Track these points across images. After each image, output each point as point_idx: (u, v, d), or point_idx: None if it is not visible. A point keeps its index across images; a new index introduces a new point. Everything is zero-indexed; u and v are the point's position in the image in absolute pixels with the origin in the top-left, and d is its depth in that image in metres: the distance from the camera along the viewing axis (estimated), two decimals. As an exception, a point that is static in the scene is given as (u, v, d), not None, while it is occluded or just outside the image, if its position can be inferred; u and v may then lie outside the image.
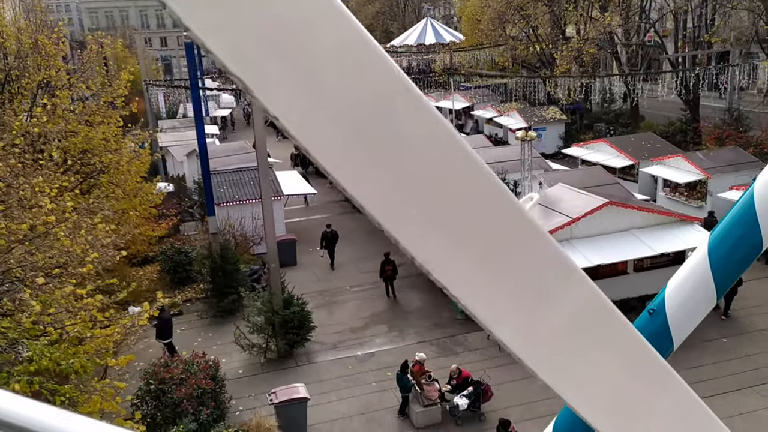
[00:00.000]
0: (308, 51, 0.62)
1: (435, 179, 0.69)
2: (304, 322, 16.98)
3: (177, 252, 21.30)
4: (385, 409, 14.82)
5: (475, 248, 0.72)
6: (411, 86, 0.67)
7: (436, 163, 0.68)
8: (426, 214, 0.69)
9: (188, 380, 13.47)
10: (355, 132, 0.65)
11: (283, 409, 13.46)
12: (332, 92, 0.64)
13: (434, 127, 0.68)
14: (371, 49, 0.64)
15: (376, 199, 0.67)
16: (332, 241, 23.10)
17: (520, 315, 0.75)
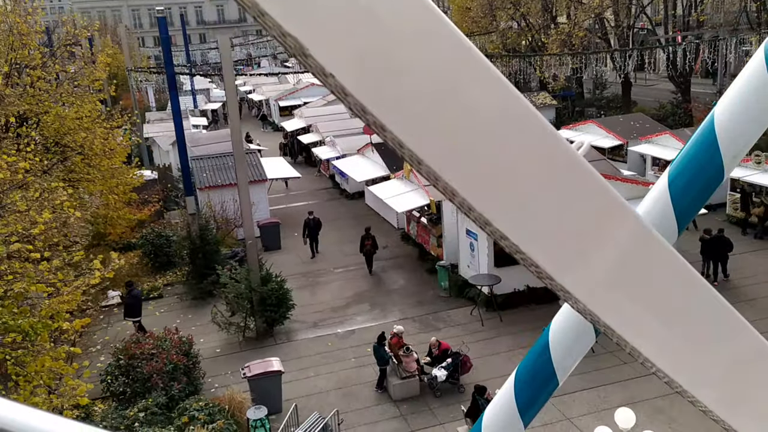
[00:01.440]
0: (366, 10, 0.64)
1: (489, 130, 0.72)
2: (283, 300, 16.65)
3: (158, 236, 20.99)
4: (363, 384, 14.51)
5: (542, 202, 0.77)
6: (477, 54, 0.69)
7: (494, 119, 0.72)
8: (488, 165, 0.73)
9: (159, 355, 13.17)
10: (413, 87, 0.67)
11: (256, 383, 13.14)
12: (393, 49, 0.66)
13: (504, 97, 0.71)
14: (432, 14, 0.66)
15: (430, 149, 0.70)
16: (315, 228, 22.40)
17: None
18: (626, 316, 0.86)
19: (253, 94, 55.60)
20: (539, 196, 0.78)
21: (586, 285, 0.83)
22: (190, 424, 11.49)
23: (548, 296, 16.93)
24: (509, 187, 0.76)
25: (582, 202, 0.79)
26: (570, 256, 0.81)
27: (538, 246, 0.79)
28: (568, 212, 0.79)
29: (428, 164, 0.73)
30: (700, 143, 1.77)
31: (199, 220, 19.38)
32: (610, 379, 13.96)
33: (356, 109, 0.70)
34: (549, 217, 0.79)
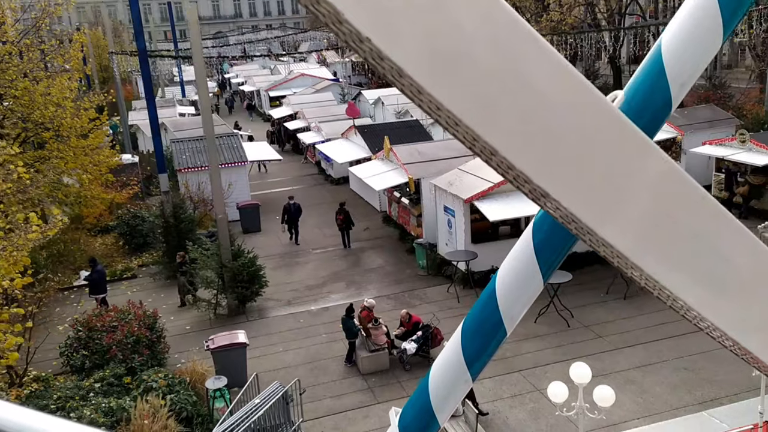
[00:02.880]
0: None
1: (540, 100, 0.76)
2: (255, 277, 16.34)
3: (133, 217, 20.68)
4: (333, 358, 14.20)
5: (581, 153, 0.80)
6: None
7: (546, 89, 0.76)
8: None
9: (120, 328, 12.85)
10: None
11: (220, 355, 12.83)
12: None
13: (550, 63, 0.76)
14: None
15: (470, 108, 0.73)
16: (295, 214, 21.60)
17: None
18: (668, 265, 0.87)
19: (244, 86, 55.36)
20: (577, 148, 0.79)
21: (626, 234, 0.84)
22: (148, 395, 11.18)
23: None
24: (547, 141, 0.78)
25: (615, 149, 0.81)
26: (607, 205, 0.82)
27: (578, 199, 0.80)
28: (604, 162, 0.81)
29: (467, 125, 0.73)
30: (648, 72, 1.74)
31: (174, 199, 19.05)
32: (583, 352, 13.62)
33: (392, 73, 0.72)
34: (587, 168, 0.80)
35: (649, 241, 0.86)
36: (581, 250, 17.93)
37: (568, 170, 0.79)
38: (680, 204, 0.88)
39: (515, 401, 12.17)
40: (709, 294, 0.93)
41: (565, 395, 8.12)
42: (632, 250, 0.86)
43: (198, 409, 11.66)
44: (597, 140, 0.80)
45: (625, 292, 15.96)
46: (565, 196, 0.80)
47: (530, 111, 0.76)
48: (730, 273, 0.92)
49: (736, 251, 0.92)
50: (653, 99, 1.59)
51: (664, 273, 0.88)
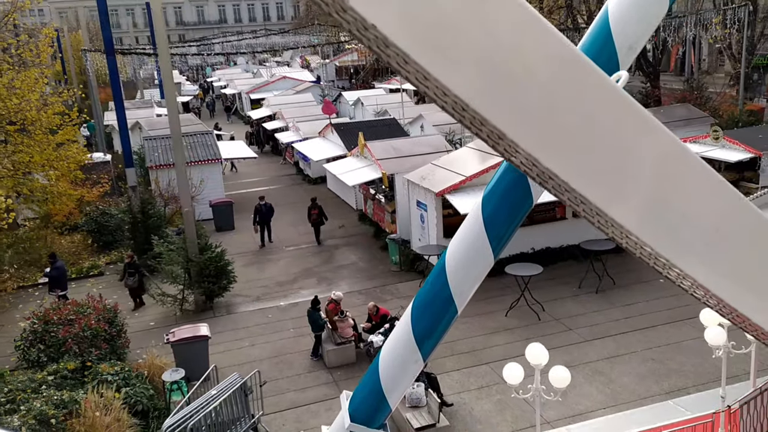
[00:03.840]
0: None
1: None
2: (222, 272, 16.02)
3: (102, 214, 20.29)
4: (299, 352, 13.90)
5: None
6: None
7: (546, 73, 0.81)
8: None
9: (78, 321, 12.49)
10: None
11: (180, 348, 12.50)
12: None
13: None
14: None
15: (475, 93, 0.77)
16: (267, 214, 20.96)
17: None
18: (676, 240, 0.94)
19: (226, 89, 55.06)
20: (581, 129, 0.81)
21: (633, 212, 0.89)
22: (102, 388, 10.83)
23: (497, 269, 16.45)
24: (553, 123, 0.80)
25: (621, 128, 0.84)
26: (615, 185, 0.86)
27: (586, 180, 0.83)
28: (610, 142, 0.83)
29: (474, 109, 0.75)
30: (595, 37, 1.85)
31: (143, 195, 18.71)
32: (552, 344, 13.37)
33: (397, 60, 0.75)
34: (593, 148, 0.83)
35: (652, 217, 0.89)
36: (555, 245, 17.84)
37: (570, 146, 0.80)
38: (681, 178, 0.90)
39: (482, 393, 11.95)
40: (702, 259, 0.97)
41: (520, 377, 7.92)
42: (637, 227, 0.89)
43: (155, 403, 11.32)
44: (601, 118, 0.81)
45: (597, 287, 15.83)
46: (570, 175, 0.82)
47: (534, 92, 0.76)
48: (722, 239, 0.96)
49: (730, 217, 0.96)
50: (600, 63, 1.69)
51: (673, 252, 0.93)
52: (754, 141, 20.17)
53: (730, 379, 11.24)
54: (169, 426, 9.54)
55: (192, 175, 22.23)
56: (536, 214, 17.82)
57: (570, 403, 11.47)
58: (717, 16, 24.93)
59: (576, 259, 17.36)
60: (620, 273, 16.52)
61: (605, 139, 0.84)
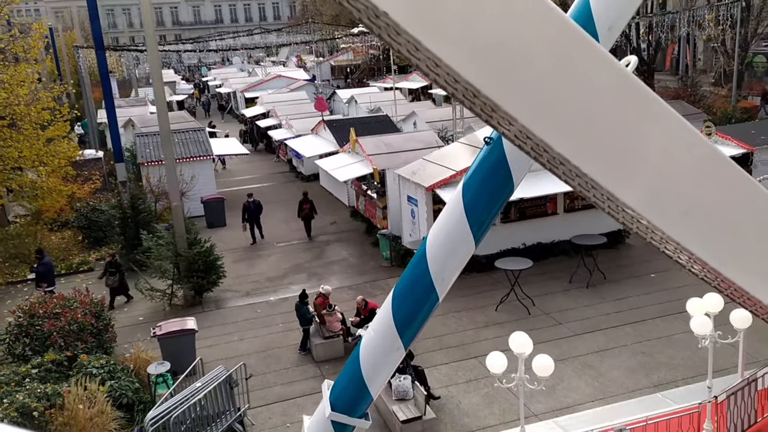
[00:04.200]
0: None
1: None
2: (211, 267, 15.92)
3: (92, 210, 20.18)
4: (288, 347, 13.82)
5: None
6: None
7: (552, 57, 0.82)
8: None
9: (63, 315, 12.38)
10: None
11: (167, 342, 12.41)
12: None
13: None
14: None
15: (488, 79, 0.79)
16: (255, 212, 20.65)
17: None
18: (686, 223, 0.96)
19: (221, 88, 54.98)
20: (591, 113, 0.82)
21: (643, 195, 0.90)
22: (86, 381, 10.73)
23: (487, 263, 16.39)
24: (563, 108, 0.81)
25: (630, 112, 0.85)
26: (625, 168, 0.88)
27: (596, 164, 0.84)
28: (620, 125, 0.84)
29: (486, 95, 0.75)
30: (576, 17, 1.90)
31: (132, 190, 18.61)
32: (542, 338, 13.33)
33: (408, 48, 0.75)
34: (603, 132, 0.84)
35: (662, 200, 0.91)
36: (546, 241, 17.77)
37: (580, 130, 0.82)
38: (690, 160, 0.92)
39: (470, 386, 11.87)
40: (712, 241, 0.98)
41: (503, 366, 7.85)
42: (648, 210, 0.91)
43: (140, 396, 11.23)
44: (610, 102, 0.82)
45: (588, 281, 15.77)
46: (581, 159, 0.83)
47: (545, 79, 0.77)
48: (732, 220, 0.98)
49: (740, 198, 0.97)
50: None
51: (681, 233, 0.95)
52: (746, 137, 20.15)
53: (720, 371, 11.21)
54: (152, 418, 9.45)
55: (183, 171, 22.16)
56: (527, 210, 17.77)
57: (558, 396, 11.41)
58: (710, 13, 24.93)
59: (567, 255, 17.31)
60: (611, 268, 16.48)
61: (615, 123, 0.84)
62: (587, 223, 17.61)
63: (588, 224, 17.53)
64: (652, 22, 27.57)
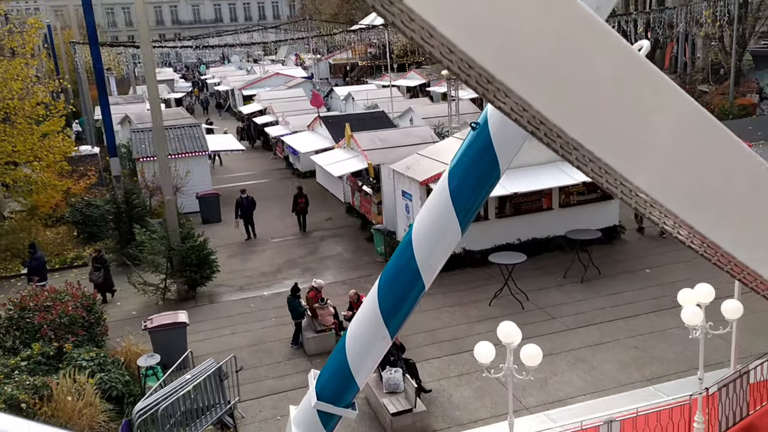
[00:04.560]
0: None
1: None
2: (204, 261, 15.87)
3: (87, 205, 20.12)
4: (279, 341, 13.76)
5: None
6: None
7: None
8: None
9: (54, 307, 12.32)
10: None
11: (158, 335, 12.35)
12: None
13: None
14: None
15: (502, 65, 0.81)
16: (248, 208, 20.44)
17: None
18: (701, 207, 0.98)
19: (219, 86, 54.97)
20: (604, 97, 0.83)
21: (657, 179, 0.92)
22: (76, 373, 10.67)
23: (481, 258, 16.34)
24: (575, 93, 0.82)
25: (642, 94, 0.87)
26: (637, 152, 0.89)
27: (609, 148, 0.85)
28: (633, 108, 0.85)
29: (500, 81, 0.76)
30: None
31: (127, 184, 18.55)
32: (535, 332, 13.28)
33: (422, 35, 0.76)
34: (615, 115, 0.85)
35: (675, 183, 0.93)
36: (541, 236, 17.71)
37: (593, 115, 0.82)
38: (703, 142, 0.94)
39: (462, 380, 11.81)
40: (726, 224, 1.00)
41: (491, 355, 7.79)
42: (661, 194, 0.93)
43: (130, 389, 11.16)
44: (622, 85, 0.83)
45: (583, 276, 15.72)
46: (594, 144, 0.84)
47: (558, 63, 0.78)
48: (745, 201, 1.00)
49: (751, 180, 1.00)
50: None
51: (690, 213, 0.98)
52: (743, 132, 20.08)
53: (714, 365, 11.16)
54: (141, 409, 9.39)
55: (179, 166, 22.12)
56: (522, 205, 17.72)
57: (550, 390, 11.36)
58: (708, 9, 24.88)
59: (562, 250, 17.25)
60: (606, 263, 16.41)
61: (627, 106, 0.84)
62: (582, 218, 17.56)
63: (583, 219, 17.48)
64: (650, 19, 27.51)
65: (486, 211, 17.45)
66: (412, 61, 50.94)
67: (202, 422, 10.33)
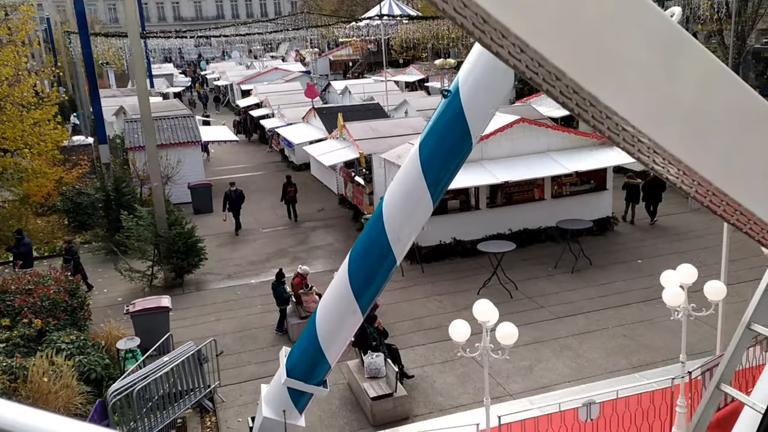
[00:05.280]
0: None
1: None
2: (192, 248, 15.73)
3: (78, 193, 20.01)
4: (264, 327, 13.63)
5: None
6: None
7: None
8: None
9: (36, 291, 12.20)
10: None
11: (140, 319, 12.22)
12: None
13: None
14: None
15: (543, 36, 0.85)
16: (237, 201, 20.01)
17: None
18: (722, 164, 1.04)
19: (219, 81, 54.91)
20: (634, 57, 0.88)
21: (677, 136, 0.96)
22: (55, 356, 10.54)
23: (471, 248, 16.18)
24: (600, 49, 0.87)
25: (664, 52, 0.92)
26: (658, 108, 0.93)
27: (629, 104, 0.90)
28: (654, 66, 0.90)
29: (534, 48, 0.81)
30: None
31: (116, 172, 18.42)
32: (522, 321, 13.09)
33: (454, 5, 0.81)
34: (637, 72, 0.89)
35: (696, 139, 1.01)
36: (533, 227, 17.54)
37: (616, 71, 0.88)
38: (723, 97, 0.98)
39: (445, 366, 11.66)
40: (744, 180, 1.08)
41: (466, 334, 7.65)
42: (682, 151, 1.01)
43: (110, 372, 11.02)
44: (646, 44, 0.89)
45: (573, 266, 15.56)
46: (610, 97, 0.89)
47: (589, 28, 0.83)
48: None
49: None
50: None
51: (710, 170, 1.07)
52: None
53: (703, 354, 11.00)
54: (115, 390, 9.26)
55: (171, 156, 22.01)
56: (514, 195, 17.56)
57: (535, 377, 11.21)
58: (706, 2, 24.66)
59: (554, 241, 17.08)
60: (598, 254, 16.25)
61: (650, 63, 0.87)
62: (575, 209, 17.39)
63: (575, 210, 17.31)
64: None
65: (477, 201, 17.30)
66: (411, 56, 50.72)
67: (180, 405, 10.20)
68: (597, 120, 1.10)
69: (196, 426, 10.39)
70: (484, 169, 16.24)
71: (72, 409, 10.00)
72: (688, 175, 1.18)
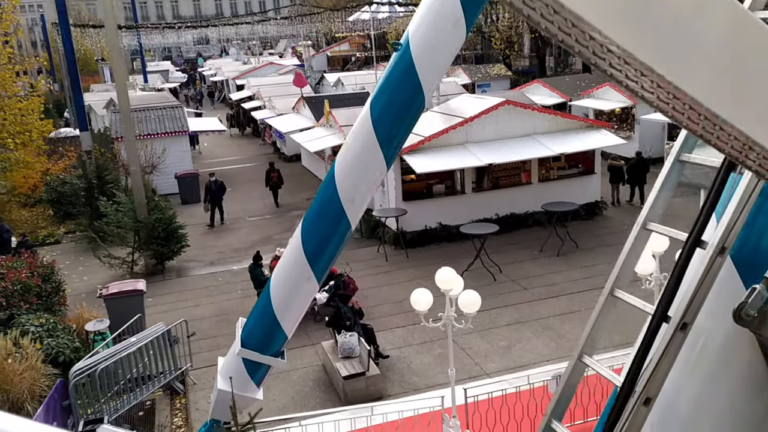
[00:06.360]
0: None
1: None
2: (172, 235, 15.54)
3: (62, 183, 19.85)
4: (243, 312, 13.20)
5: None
6: None
7: None
8: None
9: (8, 275, 12.01)
10: None
11: (113, 302, 12.01)
12: None
13: None
14: None
15: None
16: (217, 192, 19.47)
17: None
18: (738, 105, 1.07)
19: (215, 77, 54.77)
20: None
21: (703, 83, 1.00)
22: (22, 338, 10.35)
23: (455, 232, 15.94)
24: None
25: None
26: (685, 56, 0.98)
27: (649, 47, 0.95)
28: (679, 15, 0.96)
29: (570, 9, 0.89)
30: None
31: (98, 159, 18.25)
32: (504, 302, 12.94)
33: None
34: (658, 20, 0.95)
35: (723, 86, 1.07)
36: (520, 211, 17.28)
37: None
38: (748, 45, 1.03)
39: (423, 348, 11.44)
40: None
41: (428, 303, 7.43)
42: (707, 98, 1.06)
43: (79, 355, 10.80)
44: None
45: (559, 249, 15.31)
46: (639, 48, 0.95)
47: None
48: None
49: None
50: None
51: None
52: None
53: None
54: (78, 369, 9.06)
55: (158, 146, 21.84)
56: (501, 179, 17.32)
57: (513, 356, 10.98)
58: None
59: (541, 225, 16.84)
60: (585, 237, 16.01)
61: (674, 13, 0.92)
62: (562, 193, 17.12)
63: (563, 195, 17.04)
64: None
65: (462, 185, 17.06)
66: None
67: (149, 387, 10.00)
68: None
69: (165, 408, 10.20)
70: (468, 152, 16.00)
71: (38, 391, 9.81)
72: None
